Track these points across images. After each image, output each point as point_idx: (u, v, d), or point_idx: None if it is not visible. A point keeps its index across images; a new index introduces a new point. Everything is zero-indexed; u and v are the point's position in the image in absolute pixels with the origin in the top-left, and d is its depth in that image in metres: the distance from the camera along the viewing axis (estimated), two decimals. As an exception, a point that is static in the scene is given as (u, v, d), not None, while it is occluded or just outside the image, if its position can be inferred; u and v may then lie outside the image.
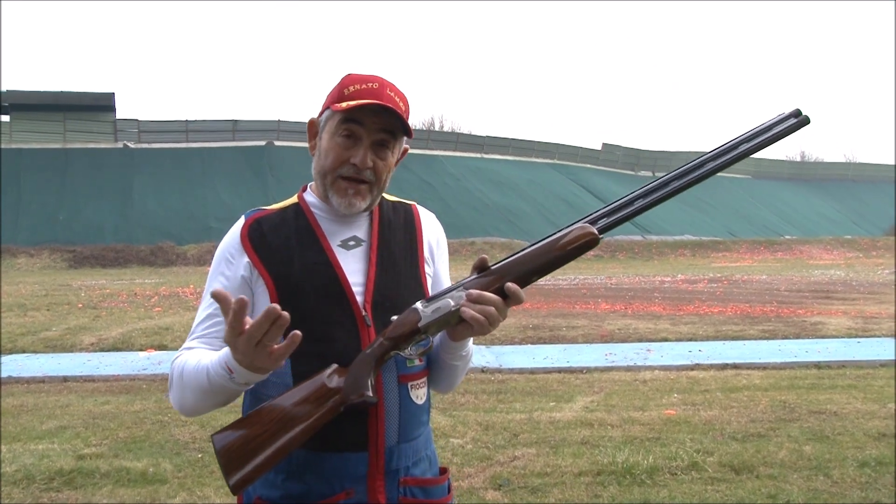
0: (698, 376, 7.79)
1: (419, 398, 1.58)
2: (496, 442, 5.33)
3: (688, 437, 5.35)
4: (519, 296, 1.46)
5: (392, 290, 1.57)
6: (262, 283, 1.52)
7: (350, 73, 1.56)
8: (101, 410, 6.48)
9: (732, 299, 15.74)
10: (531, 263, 1.49)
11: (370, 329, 1.52)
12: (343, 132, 1.52)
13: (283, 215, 1.59)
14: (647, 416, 6.06)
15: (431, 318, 1.48)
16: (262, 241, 1.55)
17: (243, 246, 1.55)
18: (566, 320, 12.04)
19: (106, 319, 12.78)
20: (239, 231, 1.57)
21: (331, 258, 1.54)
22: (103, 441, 5.48)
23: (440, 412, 6.17)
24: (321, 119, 1.58)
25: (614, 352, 9.34)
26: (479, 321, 1.45)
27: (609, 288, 19.69)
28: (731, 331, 10.97)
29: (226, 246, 1.58)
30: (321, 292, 1.51)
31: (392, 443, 1.52)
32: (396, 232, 1.64)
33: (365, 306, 1.53)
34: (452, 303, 1.48)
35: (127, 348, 9.99)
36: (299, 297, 1.49)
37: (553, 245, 1.49)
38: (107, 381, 7.90)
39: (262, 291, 1.52)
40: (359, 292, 1.53)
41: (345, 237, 1.58)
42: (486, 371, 8.14)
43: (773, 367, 8.28)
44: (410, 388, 1.56)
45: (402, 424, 1.54)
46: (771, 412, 6.12)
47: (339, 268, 1.53)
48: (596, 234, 1.49)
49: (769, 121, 1.49)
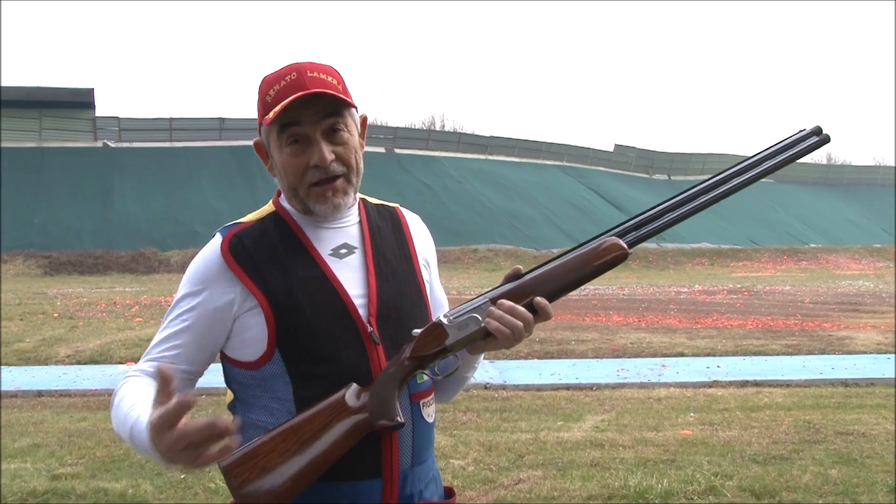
0: (717, 394, 7.78)
1: (430, 416, 1.56)
2: (500, 463, 5.32)
3: (705, 460, 5.34)
4: (548, 312, 1.47)
5: (396, 301, 1.54)
6: (254, 304, 1.47)
7: (264, 75, 1.52)
8: (77, 427, 6.48)
9: (754, 312, 15.73)
10: (564, 278, 1.48)
11: (378, 346, 1.49)
12: (288, 141, 1.48)
13: (263, 227, 1.54)
14: (661, 436, 6.05)
15: (459, 336, 1.46)
16: (247, 257, 1.49)
17: (227, 264, 1.49)
18: (575, 333, 12.03)
19: (83, 330, 12.78)
20: (218, 249, 1.51)
21: (325, 270, 1.51)
22: (79, 460, 5.46)
23: (439, 431, 6.16)
24: (264, 139, 1.54)
25: (627, 367, 9.32)
26: (506, 335, 1.43)
27: (621, 299, 19.67)
28: (751, 345, 10.95)
29: (200, 269, 1.52)
30: (319, 308, 1.47)
31: (406, 466, 1.50)
32: (387, 237, 1.61)
33: (370, 320, 1.49)
34: (481, 319, 1.46)
35: (105, 361, 9.98)
36: (296, 314, 1.46)
37: (586, 258, 1.48)
38: (84, 396, 7.90)
39: (255, 313, 1.47)
40: (361, 305, 1.50)
41: (335, 245, 1.54)
42: (490, 387, 8.14)
43: (796, 384, 8.27)
44: (422, 406, 1.54)
45: (416, 446, 1.52)
46: (794, 433, 6.10)
47: (336, 280, 1.50)
48: (626, 250, 1.49)
49: (789, 138, 1.55)
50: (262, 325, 1.47)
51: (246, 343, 1.49)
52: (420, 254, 1.65)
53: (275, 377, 1.47)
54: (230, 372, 1.56)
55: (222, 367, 1.58)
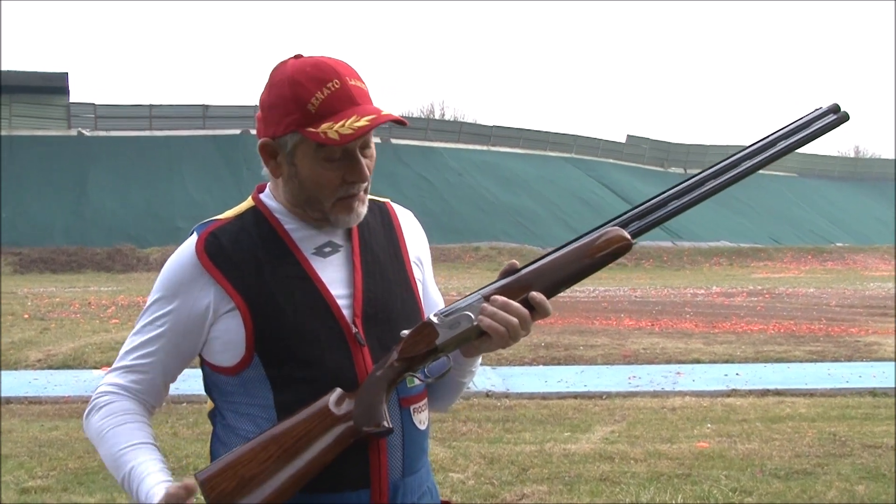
0: (735, 404, 7.79)
1: (422, 423, 1.57)
2: (502, 477, 5.32)
3: (723, 474, 5.35)
4: (546, 308, 1.47)
5: (384, 301, 1.55)
6: (232, 306, 1.49)
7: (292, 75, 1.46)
8: (48, 437, 6.48)
9: (775, 315, 15.75)
10: (561, 272, 1.48)
11: (364, 348, 1.50)
12: (327, 156, 1.47)
13: (241, 224, 1.55)
14: (675, 449, 6.05)
15: (450, 335, 1.46)
16: (224, 257, 1.50)
17: (202, 264, 1.50)
18: (584, 338, 12.05)
19: (55, 332, 12.78)
20: (192, 249, 1.52)
21: (307, 269, 1.52)
22: (51, 472, 5.47)
23: (437, 442, 6.17)
24: (284, 142, 1.49)
25: (639, 375, 9.34)
26: (500, 333, 1.44)
27: (633, 301, 19.69)
28: (773, 352, 10.97)
29: (173, 272, 1.53)
30: (300, 309, 1.49)
31: (396, 477, 1.51)
32: (376, 234, 1.62)
33: (354, 321, 1.51)
34: (473, 316, 1.46)
35: (79, 366, 9.99)
36: (276, 315, 1.48)
37: (585, 250, 1.48)
38: (56, 404, 7.91)
39: (232, 316, 1.49)
40: (345, 305, 1.51)
41: (318, 243, 1.55)
42: (492, 395, 8.14)
43: (821, 393, 8.28)
44: (413, 412, 1.55)
45: (406, 455, 1.53)
46: (819, 446, 6.11)
47: (319, 280, 1.51)
48: (630, 240, 1.50)
49: (805, 117, 1.53)
50: (240, 327, 1.48)
51: (224, 347, 1.50)
52: (412, 251, 1.66)
53: (255, 382, 1.49)
54: (210, 378, 1.58)
55: (202, 372, 1.59)
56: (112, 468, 1.51)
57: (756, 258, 40.00)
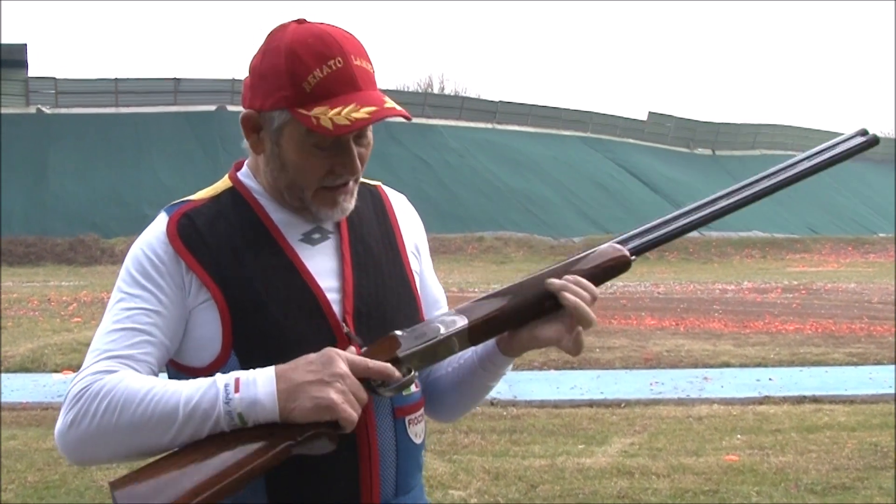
0: (768, 412, 7.81)
1: (417, 436, 1.56)
2: (509, 495, 5.34)
3: (753, 491, 5.37)
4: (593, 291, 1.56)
5: (378, 296, 1.54)
6: (207, 297, 1.45)
7: (290, 44, 1.43)
8: (5, 447, 6.49)
9: (812, 314, 15.75)
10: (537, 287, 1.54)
11: (356, 349, 1.48)
12: (316, 142, 1.45)
13: (218, 206, 1.52)
14: (702, 462, 6.07)
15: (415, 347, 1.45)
16: (199, 241, 1.47)
17: (174, 248, 1.46)
18: (600, 339, 12.05)
19: (12, 332, 12.79)
20: (164, 230, 1.48)
21: (292, 258, 1.50)
22: (8, 486, 5.48)
23: (436, 456, 6.19)
24: (271, 117, 1.46)
25: (662, 380, 9.36)
26: (583, 313, 1.51)
27: (656, 298, 19.71)
28: (810, 354, 10.99)
29: (143, 256, 1.47)
30: (285, 303, 1.46)
31: (389, 496, 1.50)
32: (368, 221, 1.61)
33: (345, 318, 1.49)
34: (443, 329, 1.47)
35: (38, 369, 10.01)
36: (256, 310, 1.45)
37: (570, 267, 1.54)
38: (13, 410, 7.92)
39: (207, 308, 1.45)
40: (335, 300, 1.50)
41: (306, 229, 1.54)
42: (497, 404, 8.15)
43: (862, 400, 8.31)
44: (408, 423, 1.54)
45: (400, 472, 1.52)
46: (859, 458, 6.13)
47: (306, 270, 1.49)
48: (627, 256, 1.55)
49: (833, 141, 1.66)
50: (216, 322, 1.45)
51: (197, 344, 1.47)
52: (407, 240, 1.65)
53: None
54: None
55: (166, 374, 1.52)
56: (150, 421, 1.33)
57: (792, 250, 40.01)
